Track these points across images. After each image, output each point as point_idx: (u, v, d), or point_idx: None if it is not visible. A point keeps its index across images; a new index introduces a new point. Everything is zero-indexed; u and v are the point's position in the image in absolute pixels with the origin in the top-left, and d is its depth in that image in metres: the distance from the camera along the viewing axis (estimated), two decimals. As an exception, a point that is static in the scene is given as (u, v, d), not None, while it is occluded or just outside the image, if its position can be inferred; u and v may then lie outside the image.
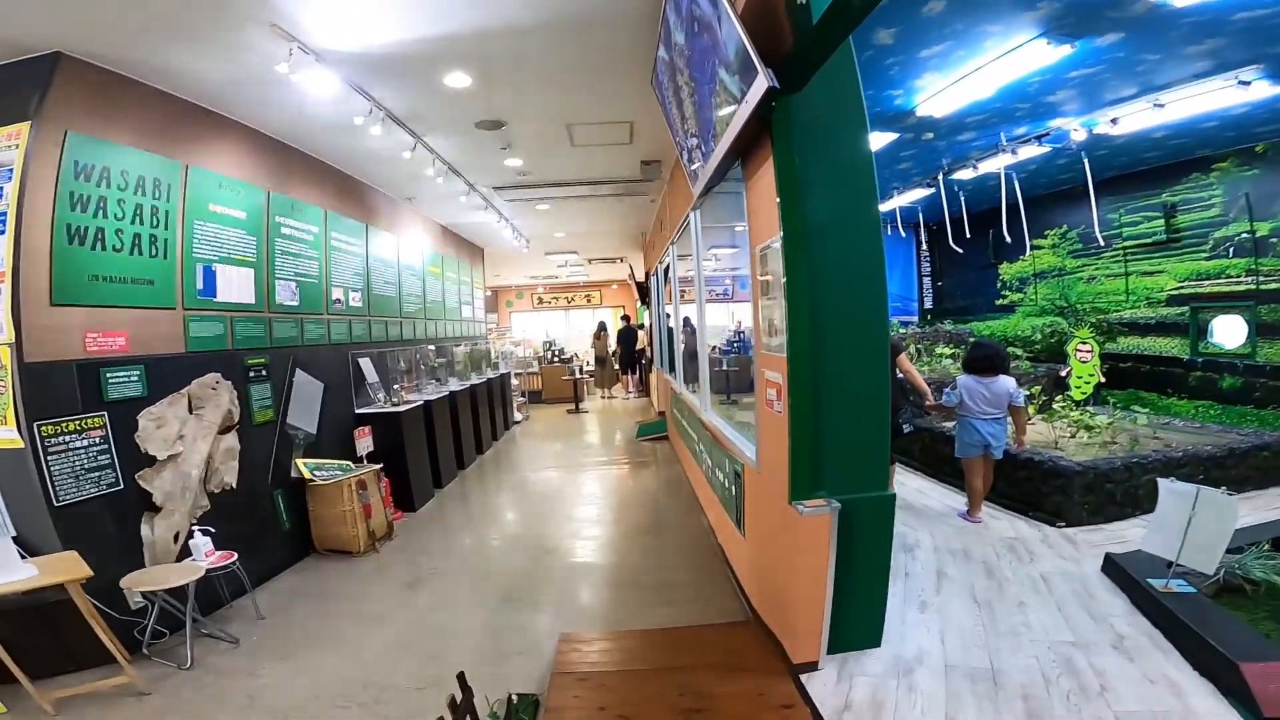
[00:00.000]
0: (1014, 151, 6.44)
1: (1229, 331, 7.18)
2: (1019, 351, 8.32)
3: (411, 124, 5.24)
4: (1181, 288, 7.71)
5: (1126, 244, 8.35)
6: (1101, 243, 8.02)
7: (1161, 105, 5.12)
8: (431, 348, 8.39)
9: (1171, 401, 7.70)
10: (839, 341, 3.01)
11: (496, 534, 5.81)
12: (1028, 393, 6.79)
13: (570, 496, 7.02)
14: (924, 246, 12.31)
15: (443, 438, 7.47)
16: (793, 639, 3.10)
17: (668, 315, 8.76)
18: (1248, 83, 4.57)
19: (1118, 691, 2.67)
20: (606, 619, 3.95)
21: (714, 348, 10.91)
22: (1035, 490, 5.18)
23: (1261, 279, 6.85)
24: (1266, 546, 3.62)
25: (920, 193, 8.84)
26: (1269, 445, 5.60)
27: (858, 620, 3.13)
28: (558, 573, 4.78)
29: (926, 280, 12.75)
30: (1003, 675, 2.86)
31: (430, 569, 4.93)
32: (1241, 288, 7.06)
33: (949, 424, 5.26)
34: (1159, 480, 3.60)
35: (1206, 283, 7.44)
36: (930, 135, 6.52)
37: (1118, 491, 4.98)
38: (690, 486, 6.67)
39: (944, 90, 4.97)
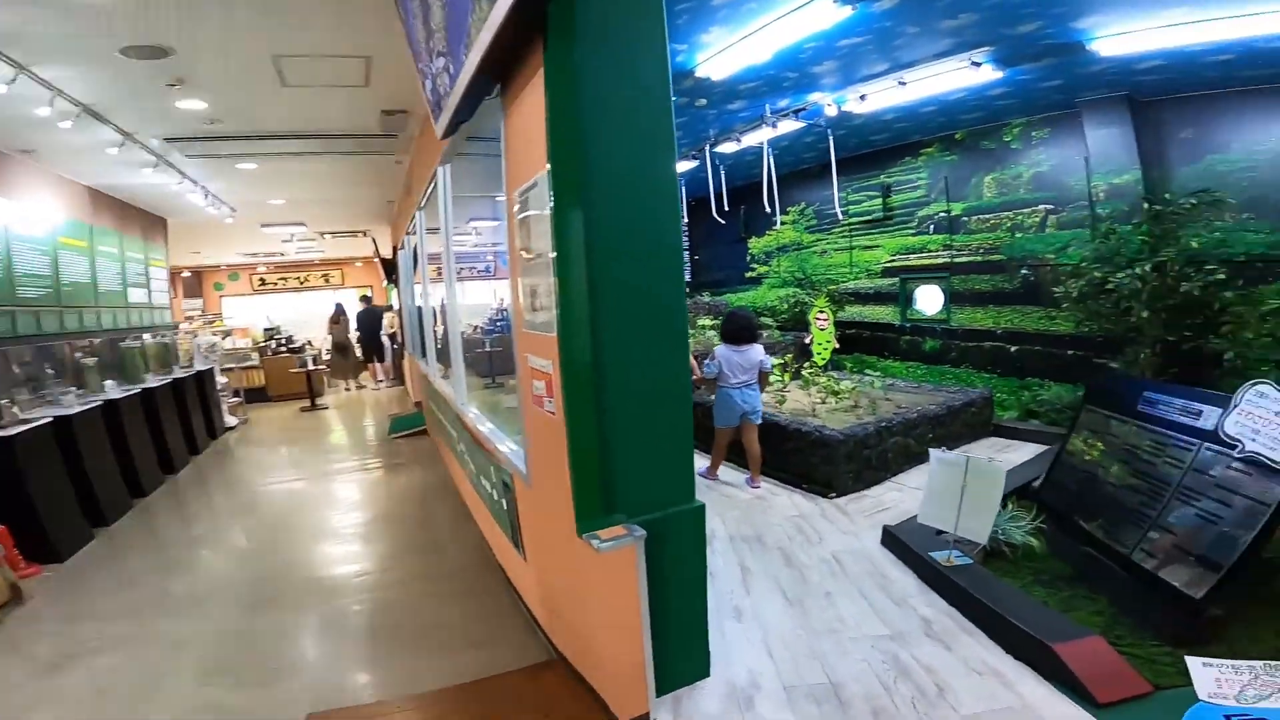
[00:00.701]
0: (774, 124, 6.53)
1: (929, 300, 8.31)
2: (769, 321, 8.82)
3: (5, 48, 3.61)
4: (893, 261, 8.77)
5: (852, 221, 9.27)
6: (841, 218, 8.77)
7: (904, 84, 5.46)
8: (68, 345, 6.13)
9: (888, 363, 8.76)
10: (630, 317, 2.41)
11: (197, 579, 4.34)
12: (780, 360, 7.11)
13: (303, 517, 5.63)
14: (684, 220, 12.64)
15: (98, 461, 5.45)
16: (613, 688, 2.53)
17: (419, 294, 7.55)
18: (979, 64, 5.00)
19: (954, 690, 2.57)
20: (371, 683, 3.00)
21: (475, 328, 9.95)
22: (805, 462, 5.29)
23: (954, 253, 8.00)
24: (1011, 506, 3.96)
25: (685, 165, 8.83)
26: (974, 402, 6.49)
27: (682, 651, 2.65)
28: (292, 625, 3.61)
29: (685, 254, 13.18)
30: (843, 689, 2.62)
31: (90, 640, 3.43)
32: (939, 261, 8.19)
33: (711, 396, 5.19)
34: (931, 451, 3.71)
35: (912, 256, 8.53)
36: (704, 102, 6.31)
37: (873, 456, 5.29)
38: (460, 491, 5.74)
39: (727, 49, 4.70)
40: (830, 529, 4.40)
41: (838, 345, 8.43)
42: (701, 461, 5.63)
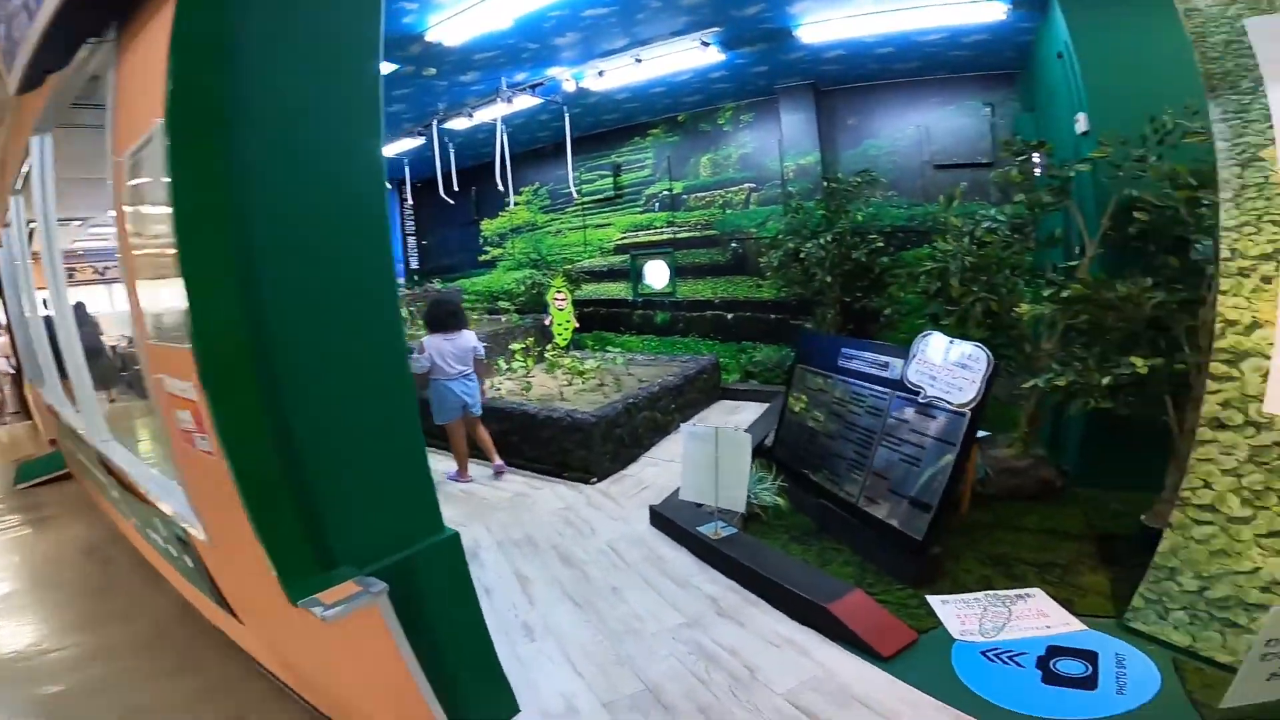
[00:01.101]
0: (510, 99, 6.15)
1: (657, 274, 8.80)
2: (507, 305, 8.55)
3: None
4: (624, 238, 9.09)
5: (585, 200, 9.37)
6: (576, 197, 8.77)
7: (640, 61, 5.52)
8: None
9: (625, 339, 9.11)
10: (316, 312, 1.89)
11: None
12: (522, 344, 6.90)
13: None
14: (409, 203, 11.56)
15: None
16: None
17: (33, 302, 5.62)
18: (707, 44, 5.25)
19: (763, 669, 2.64)
20: None
21: (129, 340, 7.78)
22: (561, 449, 5.18)
23: (677, 229, 8.55)
24: (755, 469, 4.29)
25: (409, 143, 7.96)
26: (705, 369, 7.01)
27: (477, 695, 2.27)
28: None
29: (411, 240, 12.09)
30: (663, 692, 2.54)
31: None
32: (664, 237, 8.70)
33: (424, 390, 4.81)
34: (683, 426, 3.80)
35: (641, 233, 8.94)
36: (433, 71, 5.65)
37: (625, 435, 5.37)
38: (136, 547, 4.43)
39: (464, 11, 4.18)
40: (599, 517, 4.35)
41: (578, 325, 8.49)
42: (443, 464, 5.21)
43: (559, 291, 8.36)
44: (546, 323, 8.27)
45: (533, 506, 4.61)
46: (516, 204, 9.74)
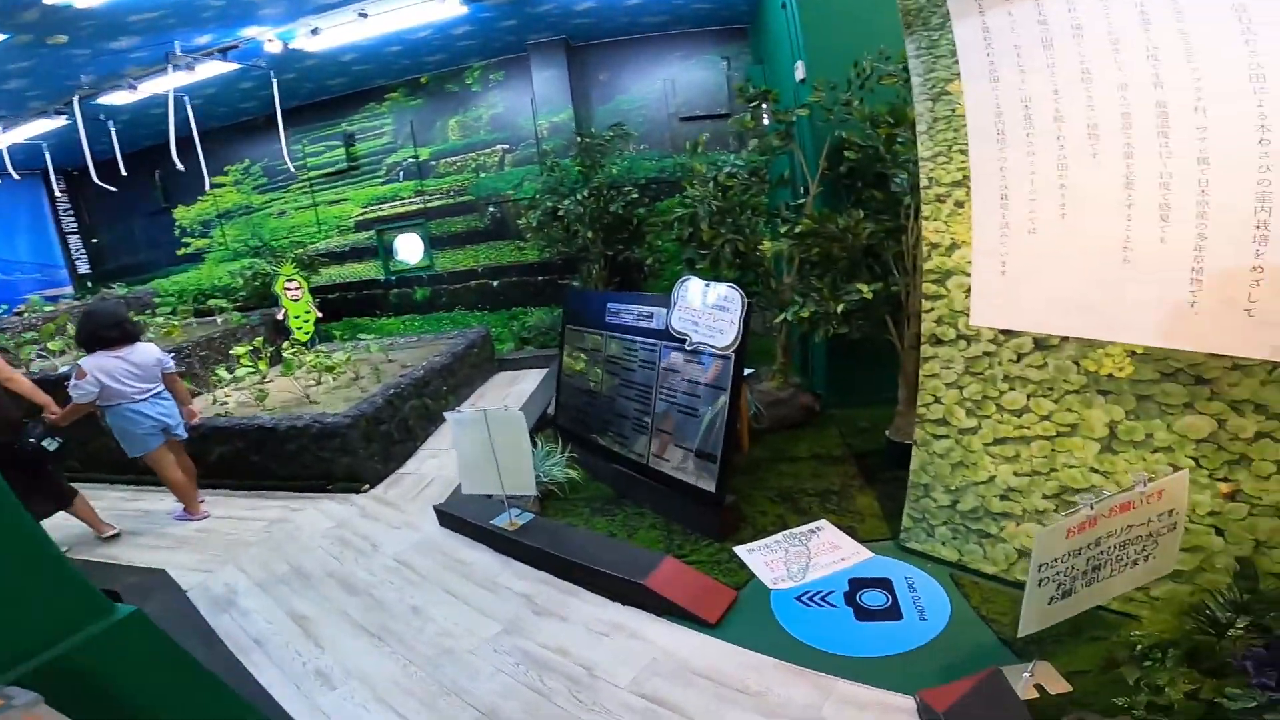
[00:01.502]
0: (191, 67, 4.90)
1: (410, 248, 8.05)
2: (224, 304, 7.18)
3: None
4: (365, 213, 8.11)
5: (312, 174, 8.13)
6: (293, 171, 7.53)
7: (366, 16, 4.68)
8: None
9: (383, 322, 8.27)
10: None
11: None
12: (251, 346, 5.88)
13: None
14: (59, 196, 9.03)
15: None
16: None
17: None
18: None
19: (600, 665, 2.47)
20: None
21: None
22: (316, 460, 4.49)
23: (427, 198, 7.82)
24: (541, 443, 4.10)
25: (46, 124, 6.10)
26: (475, 342, 6.59)
27: None
28: None
29: (74, 239, 9.53)
30: (500, 713, 2.29)
31: None
32: (414, 208, 7.91)
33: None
34: (446, 415, 3.42)
35: (386, 206, 8.03)
36: (63, 39, 4.22)
37: (393, 430, 4.83)
38: None
39: None
40: (379, 529, 3.85)
41: (321, 315, 7.46)
42: (163, 502, 4.34)
43: (290, 280, 7.23)
44: (280, 317, 7.13)
45: (295, 533, 3.94)
46: (220, 185, 8.18)
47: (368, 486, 4.41)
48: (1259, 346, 1.99)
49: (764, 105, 4.14)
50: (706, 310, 3.28)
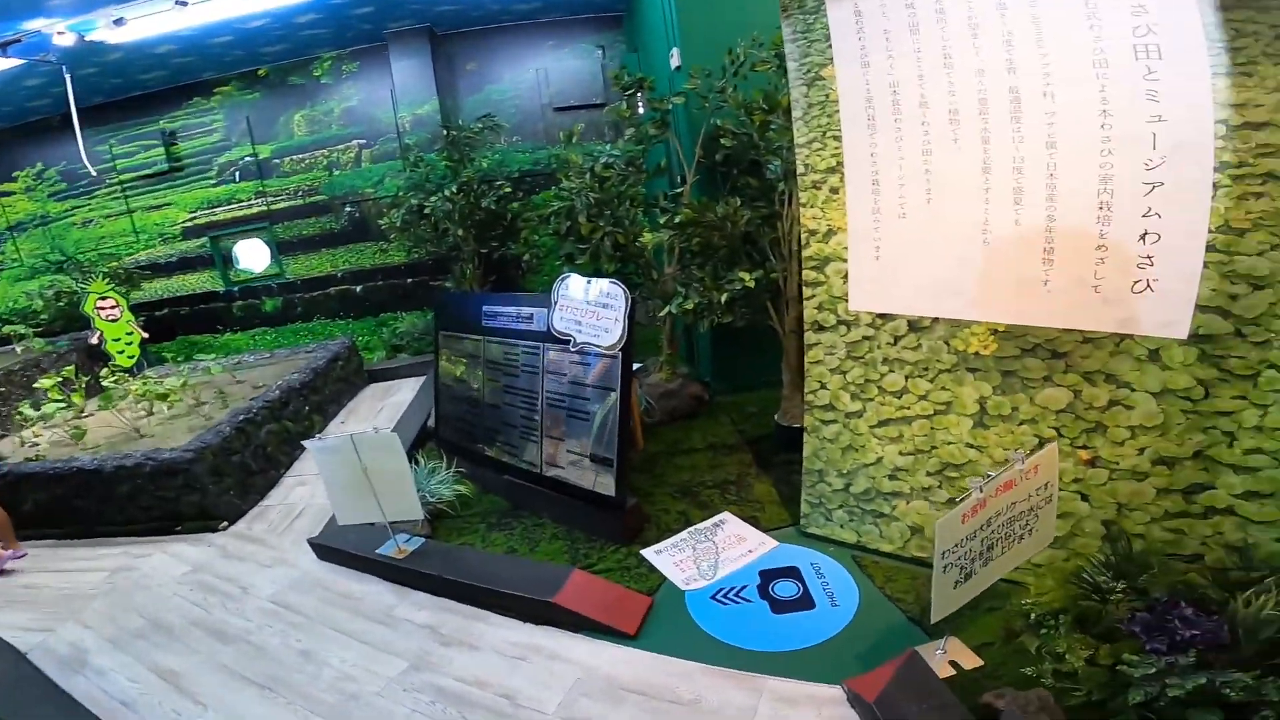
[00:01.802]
0: None
1: (254, 255, 7.25)
2: (22, 329, 6.10)
3: None
4: (195, 218, 7.18)
5: (124, 178, 7.05)
6: (95, 175, 6.48)
7: (185, 4, 4.01)
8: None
9: (227, 339, 7.41)
10: None
11: None
12: (59, 378, 5.02)
13: None
14: None
15: None
16: None
17: None
18: None
19: (523, 693, 2.30)
20: None
21: None
22: (157, 500, 3.91)
23: (271, 199, 7.05)
24: (424, 460, 3.78)
25: None
26: (339, 354, 6.04)
27: None
28: None
29: None
30: None
31: None
32: (255, 211, 7.10)
33: None
34: (306, 444, 3.04)
35: (220, 210, 7.15)
36: None
37: (249, 459, 4.29)
38: None
39: None
40: (247, 569, 3.41)
41: (146, 335, 6.54)
42: None
43: (104, 298, 6.26)
44: (94, 341, 6.15)
45: (144, 581, 3.40)
46: (9, 194, 6.95)
47: (226, 524, 3.89)
48: (1105, 320, 2.17)
49: (639, 94, 4.05)
50: (589, 308, 3.14)
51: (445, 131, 6.03)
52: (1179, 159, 1.96)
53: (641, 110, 4.15)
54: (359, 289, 7.23)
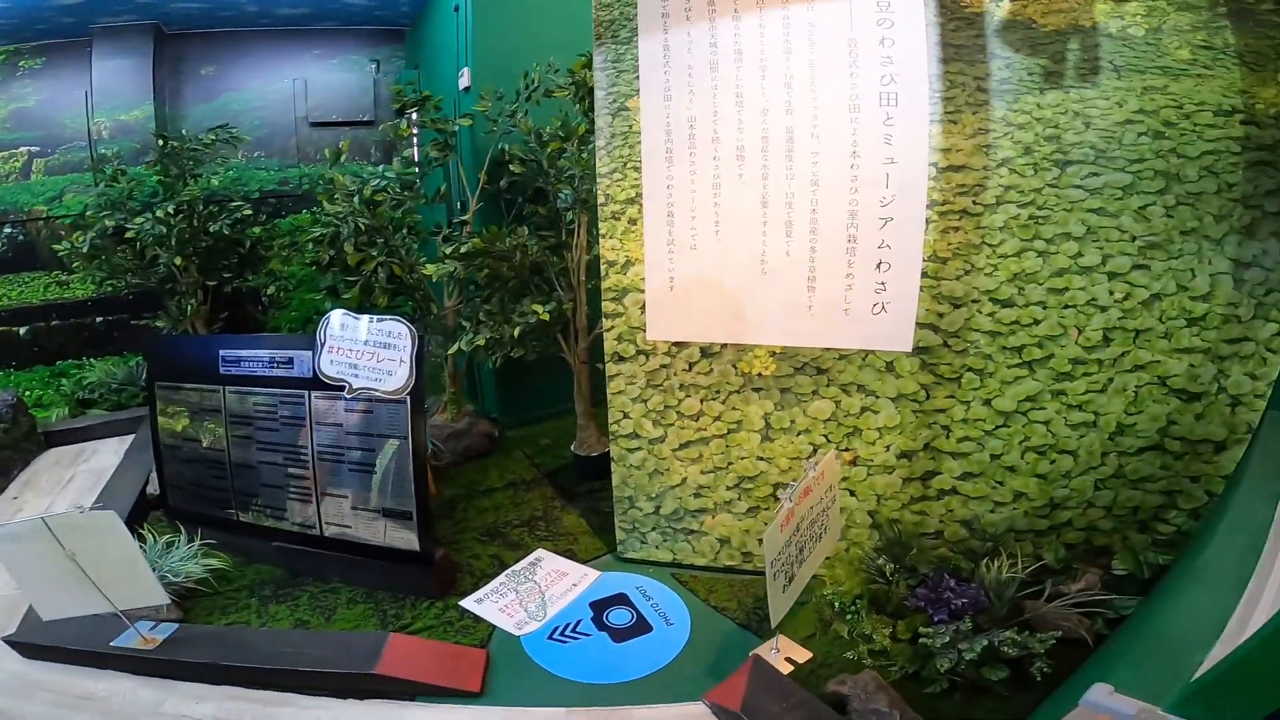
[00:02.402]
0: None
1: None
2: None
3: None
4: None
5: None
6: None
7: None
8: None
9: None
10: None
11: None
12: None
13: None
14: None
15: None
16: None
17: None
18: None
19: None
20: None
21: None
22: None
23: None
24: (151, 536, 2.99)
25: None
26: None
27: None
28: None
29: None
30: None
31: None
32: None
33: None
34: None
35: None
36: None
37: None
38: None
39: None
40: None
41: None
42: None
43: None
44: None
45: None
46: None
47: None
48: (854, 338, 2.55)
49: (414, 114, 3.79)
50: (366, 349, 2.81)
51: (161, 142, 5.00)
52: (903, 197, 2.38)
53: (416, 131, 3.89)
54: (23, 331, 5.63)
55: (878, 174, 2.38)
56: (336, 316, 2.84)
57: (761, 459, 2.78)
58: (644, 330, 2.76)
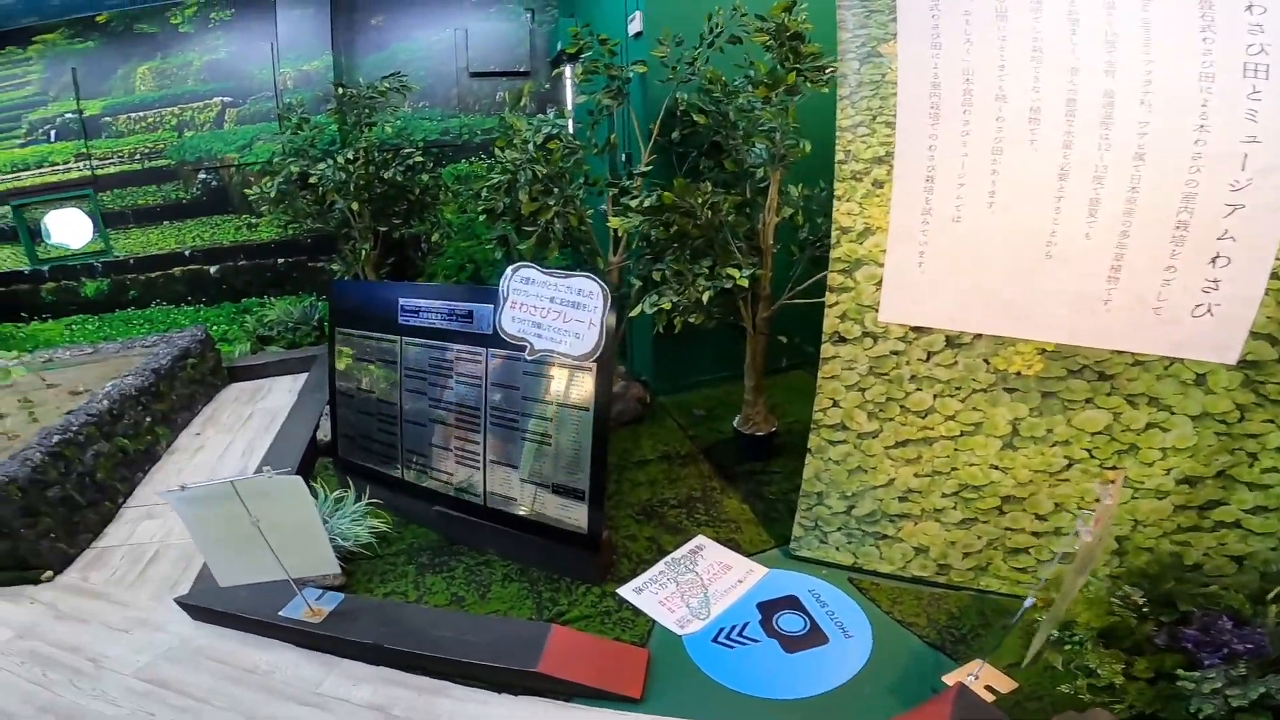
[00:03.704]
0: None
1: (70, 228, 5.86)
2: None
3: None
4: (-10, 183, 5.65)
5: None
6: None
7: None
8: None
9: (34, 328, 5.95)
10: None
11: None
12: None
13: None
14: None
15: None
16: None
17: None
18: None
19: None
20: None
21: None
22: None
23: (97, 163, 5.67)
24: (322, 490, 3.02)
25: None
26: (189, 349, 4.94)
27: None
28: None
29: None
30: None
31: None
32: (74, 176, 5.69)
33: None
34: (162, 496, 2.27)
35: (27, 175, 5.66)
36: None
37: (74, 490, 3.27)
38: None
39: None
40: (96, 635, 2.55)
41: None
42: None
43: None
44: None
45: None
46: None
47: (50, 574, 2.96)
48: (1161, 342, 2.05)
49: (570, 64, 3.50)
50: (554, 307, 2.56)
51: (339, 90, 5.06)
52: (1264, 182, 1.83)
53: (569, 84, 3.57)
54: (214, 270, 6.05)
55: (1233, 151, 1.83)
56: (525, 271, 2.61)
57: (996, 468, 2.34)
58: (875, 309, 2.33)
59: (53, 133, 5.63)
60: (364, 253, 5.02)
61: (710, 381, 4.43)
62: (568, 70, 5.85)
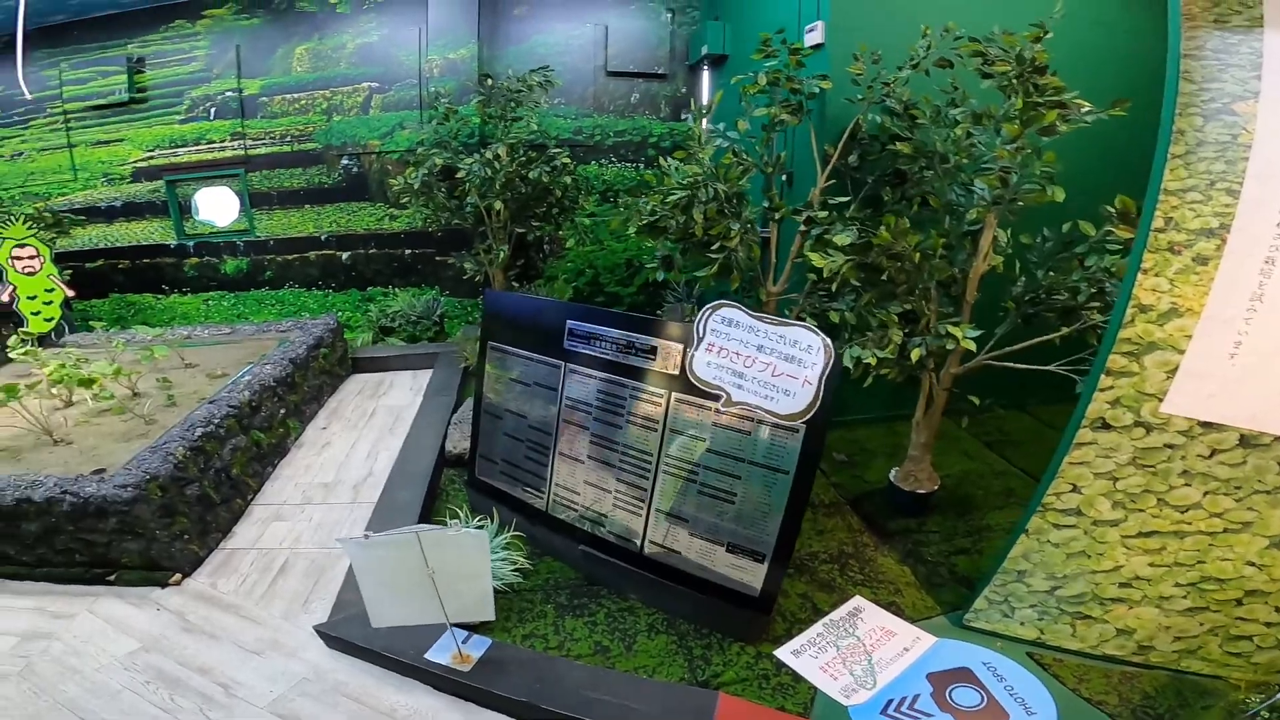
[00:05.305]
0: None
1: (218, 206, 6.06)
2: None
3: None
4: (151, 157, 5.89)
5: (70, 106, 5.70)
6: (30, 99, 5.21)
7: None
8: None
9: (173, 301, 6.20)
10: None
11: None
12: None
13: None
14: None
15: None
16: None
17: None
18: None
19: None
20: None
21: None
22: (83, 542, 2.87)
23: (250, 143, 5.83)
24: (460, 512, 2.87)
25: None
26: (322, 339, 4.98)
27: None
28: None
29: None
30: None
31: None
32: (228, 154, 5.88)
33: None
34: (341, 542, 2.10)
35: (184, 151, 5.89)
36: None
37: (210, 488, 3.22)
38: None
39: None
40: (225, 654, 2.46)
41: (73, 293, 5.31)
42: None
43: (21, 246, 5.01)
44: (4, 298, 4.91)
45: (72, 660, 2.42)
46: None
47: (178, 577, 2.90)
48: None
49: (710, 69, 3.18)
50: (760, 357, 2.27)
51: (485, 81, 4.95)
52: None
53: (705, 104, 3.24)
54: (345, 256, 6.13)
55: None
56: (726, 311, 2.33)
57: (1252, 565, 2.03)
58: (1158, 399, 1.94)
59: (213, 110, 5.82)
60: (501, 255, 4.91)
61: (851, 422, 4.09)
62: (705, 75, 5.57)
